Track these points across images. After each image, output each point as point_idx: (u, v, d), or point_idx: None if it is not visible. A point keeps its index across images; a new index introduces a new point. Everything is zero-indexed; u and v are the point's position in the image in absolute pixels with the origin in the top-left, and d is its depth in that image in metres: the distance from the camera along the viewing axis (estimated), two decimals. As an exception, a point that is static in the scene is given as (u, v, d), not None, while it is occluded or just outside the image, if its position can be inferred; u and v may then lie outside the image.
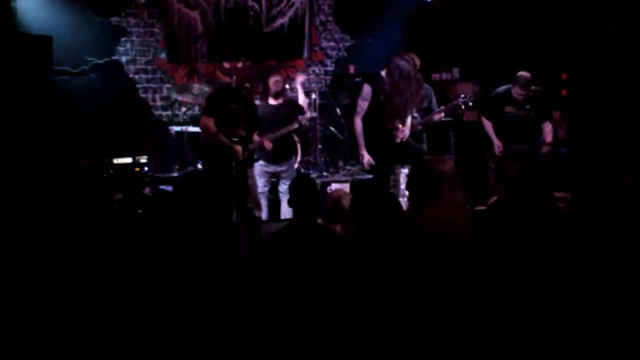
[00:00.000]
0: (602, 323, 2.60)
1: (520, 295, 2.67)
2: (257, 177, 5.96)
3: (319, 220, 3.83)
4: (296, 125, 6.19)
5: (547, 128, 6.26)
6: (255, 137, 5.71)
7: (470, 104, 6.35)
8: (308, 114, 6.73)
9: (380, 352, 2.66)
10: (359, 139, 5.55)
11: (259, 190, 5.99)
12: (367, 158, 5.53)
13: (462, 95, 6.41)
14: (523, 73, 6.08)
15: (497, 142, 6.27)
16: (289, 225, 3.57)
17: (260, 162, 6.10)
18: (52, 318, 2.89)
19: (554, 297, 2.66)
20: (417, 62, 6.04)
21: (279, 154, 6.21)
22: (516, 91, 6.09)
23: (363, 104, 5.52)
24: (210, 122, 5.43)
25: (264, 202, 6.14)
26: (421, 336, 2.65)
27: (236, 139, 5.41)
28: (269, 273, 3.21)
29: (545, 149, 6.19)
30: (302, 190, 3.55)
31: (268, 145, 5.78)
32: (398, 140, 5.55)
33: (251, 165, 5.66)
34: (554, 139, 6.28)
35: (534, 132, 6.24)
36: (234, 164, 5.36)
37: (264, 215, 6.01)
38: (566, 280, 2.72)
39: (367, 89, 5.52)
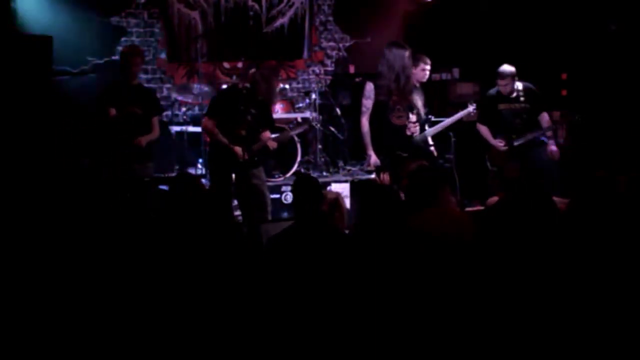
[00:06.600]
0: (602, 323, 2.60)
1: (519, 295, 2.67)
2: None
3: None
4: (306, 126, 6.22)
5: (545, 118, 6.26)
6: (263, 137, 5.59)
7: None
8: (308, 114, 6.67)
9: (384, 351, 2.66)
10: (366, 140, 5.44)
11: None
12: (374, 159, 5.42)
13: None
14: (503, 66, 6.13)
15: (495, 142, 6.24)
16: (293, 225, 3.55)
17: None
18: (51, 317, 2.89)
19: (553, 297, 2.66)
20: (425, 66, 5.77)
21: None
22: (499, 84, 6.14)
23: (367, 103, 5.45)
24: (210, 123, 5.42)
25: None
26: (423, 336, 2.65)
27: (238, 139, 5.37)
28: (274, 274, 3.19)
29: (550, 140, 6.12)
30: (305, 190, 3.53)
31: (272, 145, 5.65)
32: (409, 133, 5.48)
33: (256, 166, 5.53)
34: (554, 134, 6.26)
35: (531, 126, 6.22)
36: (235, 164, 5.34)
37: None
38: (566, 280, 2.72)
39: (369, 86, 5.48)
